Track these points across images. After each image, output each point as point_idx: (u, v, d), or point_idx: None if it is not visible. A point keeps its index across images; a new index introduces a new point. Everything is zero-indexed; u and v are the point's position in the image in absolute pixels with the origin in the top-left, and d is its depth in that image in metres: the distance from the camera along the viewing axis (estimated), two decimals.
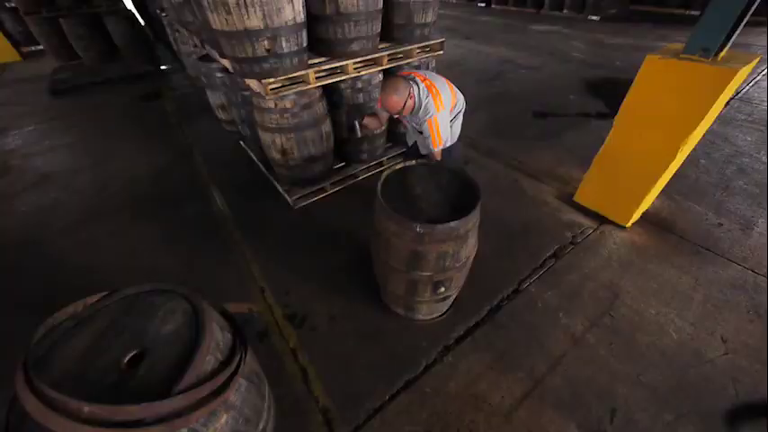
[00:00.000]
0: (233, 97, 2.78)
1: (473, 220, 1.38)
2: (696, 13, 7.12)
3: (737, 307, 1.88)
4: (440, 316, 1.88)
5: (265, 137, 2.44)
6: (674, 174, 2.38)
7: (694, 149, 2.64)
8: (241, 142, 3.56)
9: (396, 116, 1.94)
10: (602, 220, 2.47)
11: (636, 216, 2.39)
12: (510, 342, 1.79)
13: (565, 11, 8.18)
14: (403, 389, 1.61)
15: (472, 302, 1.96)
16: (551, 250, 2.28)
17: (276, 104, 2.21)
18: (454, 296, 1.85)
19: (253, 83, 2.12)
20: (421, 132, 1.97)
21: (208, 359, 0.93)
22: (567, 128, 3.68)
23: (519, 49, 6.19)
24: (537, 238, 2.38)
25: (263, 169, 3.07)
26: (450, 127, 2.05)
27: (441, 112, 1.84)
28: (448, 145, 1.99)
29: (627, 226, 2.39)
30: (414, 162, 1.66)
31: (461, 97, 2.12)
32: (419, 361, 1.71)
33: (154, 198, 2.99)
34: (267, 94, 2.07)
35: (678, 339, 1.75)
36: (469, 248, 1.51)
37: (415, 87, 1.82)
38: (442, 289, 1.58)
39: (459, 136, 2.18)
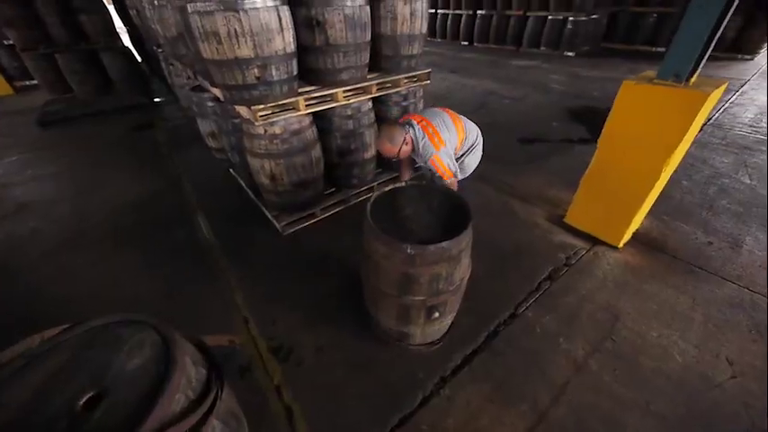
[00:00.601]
0: (223, 125, 2.79)
1: (465, 240, 1.34)
2: (661, 49, 7.71)
3: (738, 326, 1.84)
4: (434, 343, 1.78)
5: (254, 162, 2.42)
6: (660, 194, 2.42)
7: (676, 171, 2.71)
8: (231, 170, 3.55)
9: (396, 159, 2.02)
10: (594, 241, 2.46)
11: (627, 236, 2.39)
12: (509, 370, 1.68)
13: (542, 48, 8.76)
14: (397, 426, 1.48)
15: (468, 328, 1.87)
16: (546, 272, 2.24)
17: (265, 130, 2.22)
18: (449, 322, 1.76)
19: (242, 109, 2.14)
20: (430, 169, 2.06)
21: (177, 398, 0.83)
22: (552, 153, 3.78)
23: (502, 82, 6.52)
24: (531, 260, 2.34)
25: (252, 196, 3.02)
26: (462, 161, 2.17)
27: (441, 150, 1.94)
28: (460, 178, 2.11)
29: (619, 246, 2.38)
30: (403, 183, 1.64)
31: (474, 131, 2.23)
32: (414, 394, 1.59)
33: (138, 227, 2.89)
34: (257, 121, 2.08)
35: (683, 363, 1.68)
36: (463, 270, 1.45)
37: (411, 131, 1.94)
38: (437, 314, 1.50)
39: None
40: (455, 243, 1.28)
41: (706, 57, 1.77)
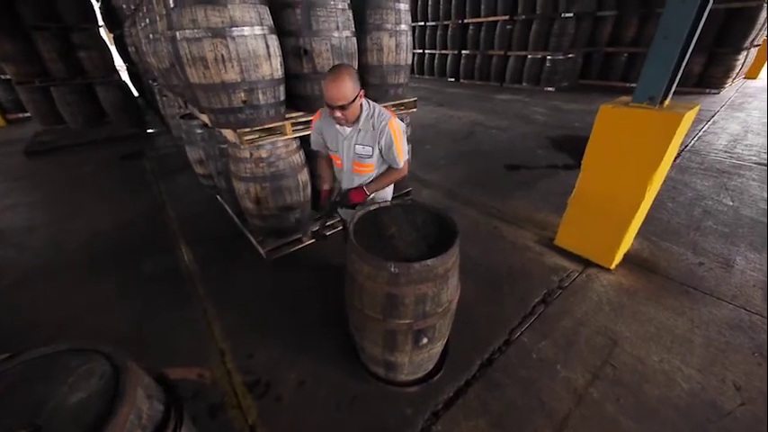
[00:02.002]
0: (210, 151, 2.79)
1: (452, 258, 1.29)
2: (634, 85, 8.25)
3: (741, 349, 1.76)
4: (425, 376, 1.65)
5: (240, 186, 2.39)
6: (647, 216, 2.43)
7: (660, 194, 2.76)
8: (218, 197, 3.50)
9: (340, 123, 1.45)
10: (585, 263, 2.42)
11: (618, 257, 2.36)
12: (506, 403, 1.55)
13: (524, 83, 9.28)
14: None
15: (461, 357, 1.76)
16: (540, 295, 2.16)
17: (251, 154, 2.21)
18: (439, 350, 1.65)
19: (228, 133, 2.14)
20: (370, 156, 1.54)
21: None
22: (538, 178, 3.84)
23: (487, 114, 6.80)
24: (523, 283, 2.27)
25: (238, 222, 2.95)
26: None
27: (398, 121, 1.52)
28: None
29: (611, 268, 2.34)
30: (388, 202, 1.60)
31: None
32: None
33: (115, 255, 2.77)
34: (243, 144, 2.07)
35: (689, 389, 1.58)
36: (451, 291, 1.38)
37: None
38: (425, 339, 1.39)
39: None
40: (441, 261, 1.22)
41: (676, 81, 1.85)
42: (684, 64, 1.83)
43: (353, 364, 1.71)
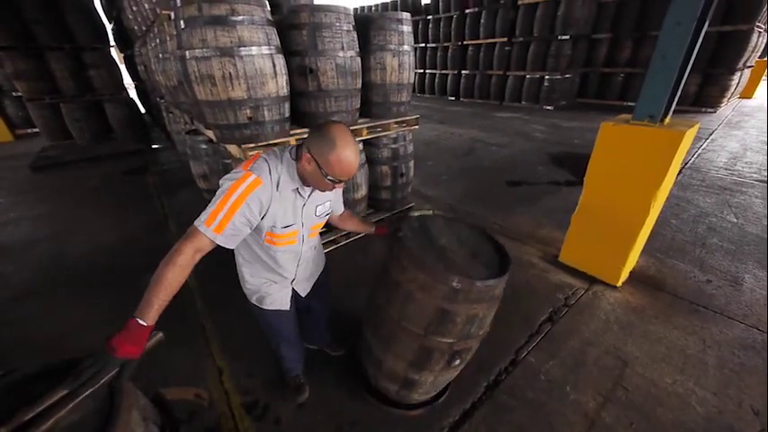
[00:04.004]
0: (214, 165, 2.81)
1: (506, 278, 1.20)
2: (631, 104, 8.40)
3: (756, 371, 1.70)
4: (430, 398, 1.58)
5: None
6: (651, 232, 2.41)
7: (663, 210, 2.74)
8: None
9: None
10: (591, 280, 2.38)
11: (625, 274, 2.32)
12: (515, 428, 1.49)
13: (523, 102, 9.46)
14: None
15: (466, 377, 1.69)
16: (546, 314, 2.12)
17: None
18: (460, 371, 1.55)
19: (233, 148, 2.16)
20: (328, 212, 1.30)
21: None
22: (540, 194, 3.85)
23: (488, 131, 6.90)
24: (528, 300, 2.23)
25: None
26: None
27: None
28: None
29: (618, 285, 2.30)
30: (429, 211, 1.49)
31: None
32: None
33: (116, 269, 2.74)
34: (246, 159, 2.09)
35: (705, 414, 1.51)
36: (492, 314, 1.30)
37: None
38: (458, 361, 1.31)
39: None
40: (500, 282, 1.16)
41: (676, 99, 1.88)
42: (683, 83, 1.86)
43: (356, 385, 1.65)
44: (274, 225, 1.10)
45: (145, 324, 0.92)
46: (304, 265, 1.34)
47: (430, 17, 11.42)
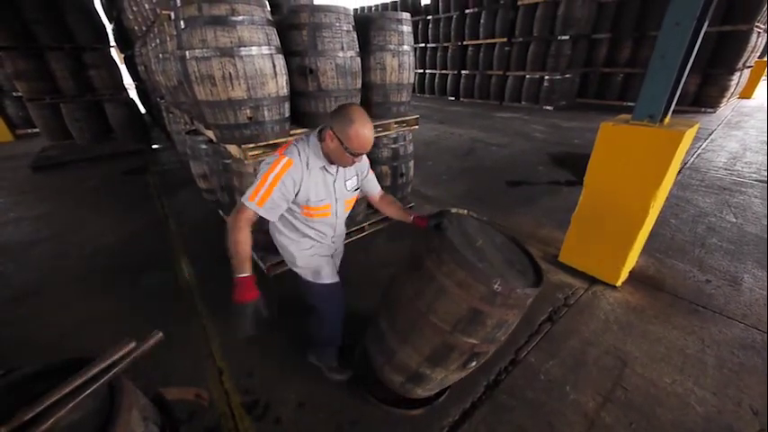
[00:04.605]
0: (214, 165, 2.81)
1: (538, 291, 1.19)
2: (631, 104, 8.41)
3: (755, 371, 1.70)
4: (429, 397, 1.58)
5: None
6: (650, 232, 2.42)
7: (662, 210, 2.75)
8: (220, 211, 3.50)
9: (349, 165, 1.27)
10: (591, 279, 2.38)
11: (624, 274, 2.32)
12: (515, 428, 1.49)
13: (523, 102, 9.47)
14: None
15: (466, 377, 1.69)
16: (545, 313, 2.12)
17: (255, 169, 2.22)
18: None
19: (233, 148, 2.16)
20: (356, 187, 1.43)
21: None
22: (540, 195, 3.85)
23: (487, 131, 6.90)
24: None
25: None
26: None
27: None
28: None
29: (617, 285, 2.30)
30: (464, 212, 1.45)
31: None
32: None
33: (114, 270, 2.74)
34: (247, 159, 2.09)
35: (704, 413, 1.52)
36: (516, 323, 1.29)
37: None
38: (473, 363, 1.31)
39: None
40: (536, 292, 1.16)
41: (675, 99, 1.88)
42: (682, 83, 1.86)
43: (356, 385, 1.66)
44: (309, 199, 1.26)
45: (247, 274, 1.15)
46: (338, 239, 1.49)
47: (430, 17, 11.43)
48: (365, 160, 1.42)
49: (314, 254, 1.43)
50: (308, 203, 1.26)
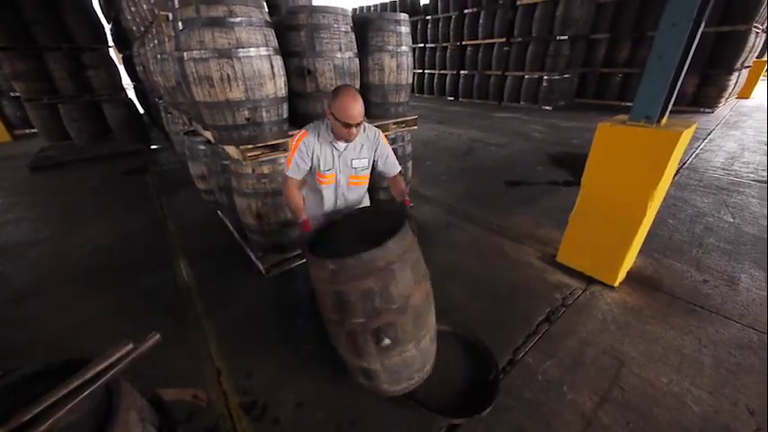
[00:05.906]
0: (212, 166, 2.81)
1: (396, 250, 1.20)
2: (629, 104, 8.42)
3: (752, 370, 1.71)
4: (413, 383, 1.49)
5: (241, 202, 2.39)
6: (648, 232, 2.42)
7: (660, 210, 2.75)
8: (218, 212, 3.50)
9: (350, 140, 1.48)
10: (588, 280, 2.39)
11: (622, 275, 2.33)
12: (513, 428, 1.50)
13: (522, 102, 9.48)
14: None
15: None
16: (543, 314, 2.13)
17: (253, 170, 2.23)
18: (415, 354, 1.43)
19: (231, 149, 2.16)
20: (366, 167, 1.65)
21: None
22: (539, 195, 3.86)
23: (486, 131, 6.91)
24: (525, 300, 2.24)
25: (238, 237, 2.95)
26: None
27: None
28: None
29: (615, 285, 2.31)
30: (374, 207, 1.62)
31: None
32: None
33: (113, 270, 2.75)
34: (245, 160, 2.09)
35: (701, 413, 1.52)
36: (403, 286, 1.26)
37: None
38: (387, 341, 1.28)
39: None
40: (381, 253, 1.15)
41: (672, 99, 1.89)
42: (679, 84, 1.87)
43: (352, 384, 1.66)
44: (320, 167, 1.55)
45: (303, 218, 1.54)
46: (342, 203, 1.71)
47: (429, 17, 11.43)
48: (383, 146, 1.64)
49: (318, 210, 1.72)
50: (320, 170, 1.56)
